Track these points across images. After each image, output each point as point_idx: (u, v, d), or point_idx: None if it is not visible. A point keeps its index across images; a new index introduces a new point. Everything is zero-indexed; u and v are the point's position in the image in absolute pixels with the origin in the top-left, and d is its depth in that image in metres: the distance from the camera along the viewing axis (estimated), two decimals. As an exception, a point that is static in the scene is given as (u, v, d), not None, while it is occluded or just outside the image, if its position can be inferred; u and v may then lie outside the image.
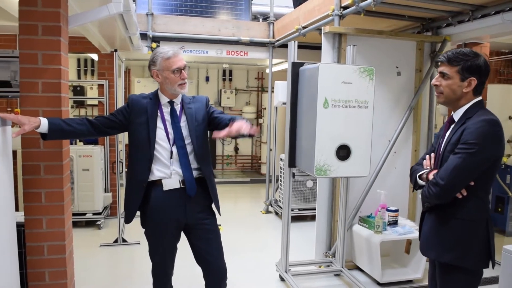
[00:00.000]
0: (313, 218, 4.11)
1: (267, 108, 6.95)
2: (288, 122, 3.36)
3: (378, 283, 3.56)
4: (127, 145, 7.21)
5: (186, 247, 2.47)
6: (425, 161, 2.09)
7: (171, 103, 2.36)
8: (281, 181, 5.68)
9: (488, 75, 1.94)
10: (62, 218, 2.40)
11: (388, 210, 3.63)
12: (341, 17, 3.76)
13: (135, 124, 2.31)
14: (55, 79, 2.33)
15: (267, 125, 6.47)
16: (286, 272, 3.54)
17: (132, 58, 7.15)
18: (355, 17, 3.72)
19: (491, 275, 3.24)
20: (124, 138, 5.59)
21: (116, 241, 4.49)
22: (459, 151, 1.83)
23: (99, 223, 5.05)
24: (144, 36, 5.30)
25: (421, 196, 2.02)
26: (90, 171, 4.98)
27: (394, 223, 3.61)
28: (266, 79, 9.05)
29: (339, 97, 3.01)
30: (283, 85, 4.81)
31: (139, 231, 2.52)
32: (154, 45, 5.37)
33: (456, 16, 3.70)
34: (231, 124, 2.17)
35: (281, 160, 5.62)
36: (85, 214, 5.01)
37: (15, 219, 2.20)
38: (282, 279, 3.63)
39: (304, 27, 4.71)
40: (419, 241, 2.13)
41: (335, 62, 3.73)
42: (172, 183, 2.29)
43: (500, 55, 6.33)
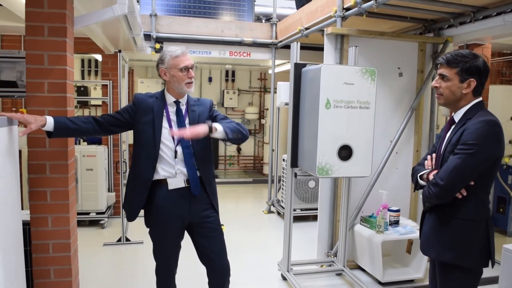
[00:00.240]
0: (315, 218, 4.13)
1: (269, 108, 6.95)
2: (290, 122, 3.39)
3: (379, 283, 3.58)
4: (130, 145, 7.21)
5: (189, 246, 2.50)
6: (426, 161, 2.11)
7: (177, 103, 2.38)
8: (283, 181, 5.71)
9: (487, 76, 1.95)
10: (67, 216, 2.42)
11: (389, 210, 3.64)
12: (344, 18, 3.78)
13: (140, 123, 2.33)
14: (60, 79, 2.35)
15: (270, 125, 6.49)
16: (288, 271, 3.56)
17: (135, 58, 7.17)
18: (357, 18, 3.74)
19: (491, 274, 3.26)
20: (127, 138, 5.62)
21: (119, 240, 4.53)
22: (458, 152, 1.85)
23: (102, 222, 5.08)
24: (147, 36, 5.33)
25: (421, 196, 2.04)
26: (93, 171, 5.01)
27: (395, 223, 3.63)
28: (268, 79, 9.07)
29: (341, 98, 3.03)
30: (286, 85, 4.83)
31: (142, 230, 2.55)
32: (157, 46, 5.40)
33: (457, 17, 3.72)
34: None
35: (283, 160, 5.63)
36: (88, 213, 5.05)
37: (21, 218, 2.23)
38: (284, 278, 3.66)
39: (306, 28, 4.73)
40: (420, 240, 2.15)
41: (337, 63, 3.75)
42: (177, 182, 2.32)
43: (502, 56, 6.34)
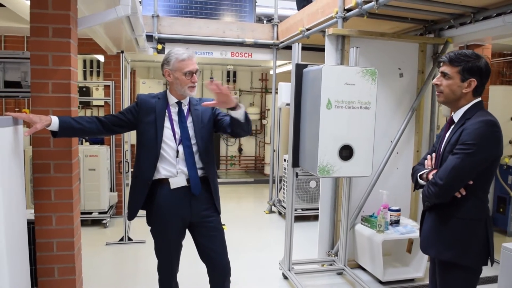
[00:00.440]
0: (316, 218, 4.15)
1: (270, 109, 6.98)
2: (292, 122, 3.41)
3: (380, 282, 3.60)
4: (133, 146, 7.23)
5: (190, 245, 2.52)
6: (426, 161, 2.13)
7: (179, 103, 2.42)
8: (284, 181, 5.73)
9: (488, 77, 1.97)
10: (71, 215, 2.45)
11: (390, 209, 3.66)
12: (345, 19, 3.80)
13: (143, 123, 2.36)
14: (65, 80, 2.38)
15: (271, 126, 6.51)
16: (289, 270, 3.58)
17: (137, 59, 7.20)
18: (358, 19, 3.77)
19: (491, 274, 3.29)
20: (130, 138, 5.65)
21: (122, 240, 4.56)
22: (457, 152, 1.87)
23: (105, 222, 5.12)
24: (149, 37, 5.35)
25: (421, 195, 2.07)
26: (96, 171, 5.04)
27: (396, 223, 3.65)
28: (269, 80, 9.10)
29: (342, 98, 3.06)
30: (287, 86, 4.85)
31: (144, 230, 2.58)
32: (159, 47, 5.43)
33: (458, 18, 3.74)
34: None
35: (285, 160, 5.66)
36: (91, 213, 5.08)
37: (26, 217, 2.26)
38: (285, 277, 3.68)
39: (308, 29, 4.75)
40: (420, 239, 2.17)
41: (338, 63, 3.78)
42: (178, 181, 2.35)
43: (502, 57, 6.36)
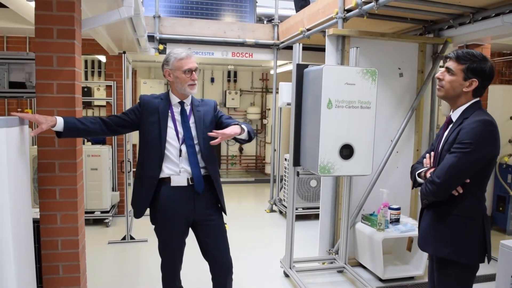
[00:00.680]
0: (317, 217, 4.18)
1: (271, 108, 7.00)
2: (292, 122, 3.44)
3: (380, 280, 3.63)
4: (134, 145, 7.24)
5: (194, 244, 2.56)
6: (425, 159, 2.16)
7: (182, 103, 2.45)
8: (285, 180, 5.76)
9: (490, 80, 1.99)
10: (75, 214, 2.48)
11: (390, 208, 3.70)
12: (345, 19, 3.83)
13: (146, 123, 2.40)
14: (69, 80, 2.41)
15: (272, 125, 6.54)
16: (290, 268, 3.62)
17: (138, 59, 7.24)
18: (358, 19, 3.80)
19: (489, 272, 3.33)
20: (131, 138, 5.68)
21: (124, 239, 4.59)
22: (455, 151, 1.90)
23: (107, 221, 5.15)
24: (151, 38, 5.39)
25: (419, 193, 2.10)
26: (98, 170, 5.08)
27: (396, 221, 3.69)
28: (270, 80, 9.13)
29: (343, 98, 3.09)
30: (288, 86, 4.88)
31: (147, 228, 2.61)
32: (161, 47, 5.46)
33: (457, 18, 3.77)
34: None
35: (285, 160, 5.69)
36: (93, 212, 5.12)
37: (31, 216, 2.30)
38: (286, 275, 3.72)
39: (308, 30, 4.78)
40: (418, 236, 2.21)
41: (339, 63, 3.81)
42: (180, 180, 2.38)
43: (502, 56, 6.39)
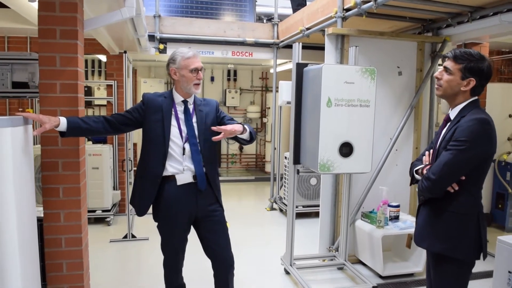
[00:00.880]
0: (317, 215, 4.21)
1: (271, 107, 7.02)
2: (292, 120, 3.48)
3: (380, 276, 3.67)
4: (135, 144, 7.24)
5: (195, 242, 2.60)
6: (424, 157, 2.19)
7: (185, 102, 2.48)
8: (285, 179, 5.79)
9: (488, 80, 2.02)
10: (78, 212, 2.52)
11: (389, 205, 3.73)
12: (344, 19, 3.86)
13: (150, 121, 2.43)
14: (72, 80, 2.44)
15: (271, 124, 6.56)
16: (291, 265, 3.65)
17: (138, 59, 7.26)
18: (358, 18, 3.83)
19: (486, 269, 3.37)
20: (132, 137, 5.72)
21: (125, 237, 4.62)
22: (450, 148, 1.94)
23: (108, 219, 5.18)
24: (151, 37, 5.41)
25: (417, 190, 2.14)
26: (99, 169, 5.10)
27: (395, 218, 3.72)
28: (270, 79, 9.15)
29: (342, 97, 3.12)
30: (288, 84, 4.91)
31: (148, 227, 2.65)
32: (161, 47, 5.49)
33: (455, 17, 3.80)
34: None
35: (285, 158, 5.72)
36: (94, 211, 5.14)
37: (35, 214, 2.33)
38: (287, 272, 3.75)
39: (307, 29, 4.82)
40: (414, 232, 2.24)
41: (338, 62, 3.84)
42: (185, 178, 2.42)
43: (500, 55, 6.42)
